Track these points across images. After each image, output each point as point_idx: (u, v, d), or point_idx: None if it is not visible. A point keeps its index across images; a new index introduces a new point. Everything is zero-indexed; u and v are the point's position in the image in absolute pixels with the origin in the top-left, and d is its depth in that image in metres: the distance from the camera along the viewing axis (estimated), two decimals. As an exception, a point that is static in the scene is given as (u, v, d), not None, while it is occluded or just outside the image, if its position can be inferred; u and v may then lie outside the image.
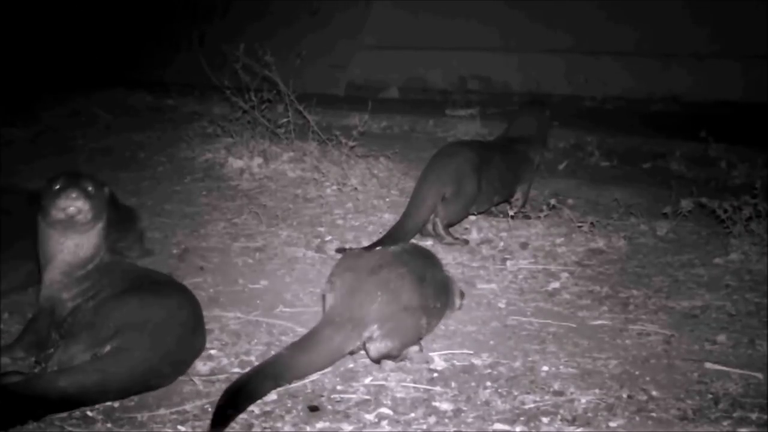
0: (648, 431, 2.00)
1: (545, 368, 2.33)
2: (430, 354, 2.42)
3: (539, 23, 7.03)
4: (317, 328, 2.29)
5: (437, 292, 2.48)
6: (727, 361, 2.36)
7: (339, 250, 3.30)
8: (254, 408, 2.11)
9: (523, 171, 3.79)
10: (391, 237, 3.26)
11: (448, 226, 3.46)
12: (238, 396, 2.05)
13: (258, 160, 4.68)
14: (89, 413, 2.09)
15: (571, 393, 2.17)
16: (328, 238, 3.55)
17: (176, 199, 4.23)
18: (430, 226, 3.44)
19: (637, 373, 2.29)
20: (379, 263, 2.37)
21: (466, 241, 3.46)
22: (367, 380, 2.26)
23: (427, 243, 3.41)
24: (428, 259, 2.57)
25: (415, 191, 3.49)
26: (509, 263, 3.23)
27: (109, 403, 2.14)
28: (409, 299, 2.31)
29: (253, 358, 2.41)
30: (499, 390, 2.20)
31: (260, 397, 2.11)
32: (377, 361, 2.33)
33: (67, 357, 2.16)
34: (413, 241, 3.32)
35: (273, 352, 2.43)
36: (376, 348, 2.29)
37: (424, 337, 2.45)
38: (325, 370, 2.31)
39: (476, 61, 7.38)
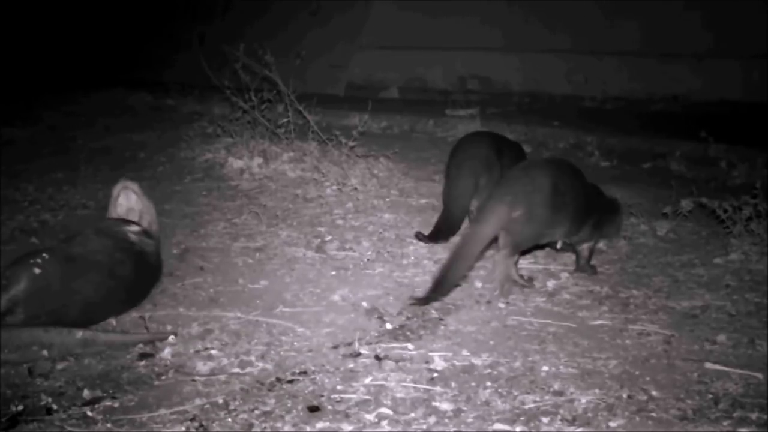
0: (648, 431, 2.00)
1: (545, 368, 2.33)
2: (430, 354, 2.42)
3: (539, 23, 7.03)
4: (486, 205, 2.89)
5: (569, 203, 2.92)
6: (727, 361, 2.36)
7: (418, 234, 3.50)
8: (254, 408, 2.11)
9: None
10: (441, 228, 3.46)
11: None
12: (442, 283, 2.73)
13: (258, 160, 4.68)
14: (89, 413, 2.10)
15: (571, 393, 2.17)
16: (328, 238, 3.55)
17: (176, 199, 4.23)
18: None
19: (637, 373, 2.29)
20: (528, 163, 3.24)
21: None
22: (367, 380, 2.26)
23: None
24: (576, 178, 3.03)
25: (451, 183, 3.55)
26: (509, 263, 3.23)
27: (108, 403, 2.15)
28: (544, 192, 2.85)
29: (252, 358, 2.41)
30: (499, 390, 2.20)
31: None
32: (513, 253, 2.86)
33: None
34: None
35: (273, 353, 2.44)
36: (515, 231, 2.83)
37: (551, 234, 2.93)
38: (325, 370, 2.32)
39: (476, 61, 7.38)
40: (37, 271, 2.55)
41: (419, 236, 3.46)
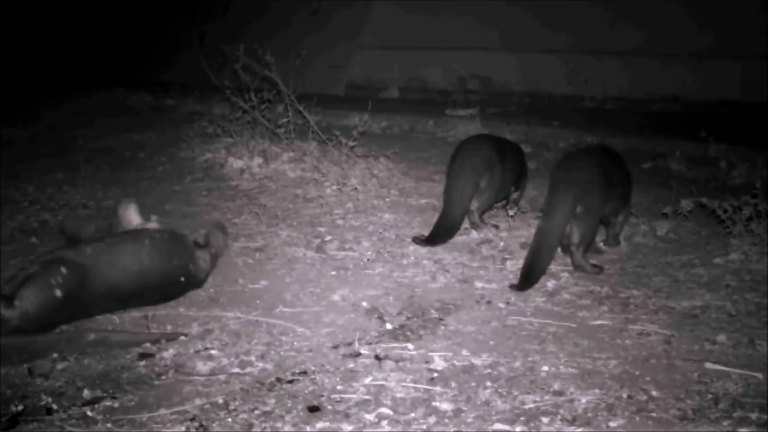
0: (648, 431, 2.00)
1: (545, 368, 2.33)
2: (430, 354, 2.42)
3: (539, 23, 7.02)
4: (549, 197, 3.11)
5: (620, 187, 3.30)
6: (727, 361, 2.36)
7: (415, 239, 3.49)
8: (254, 408, 2.11)
9: (524, 165, 3.92)
10: (440, 229, 3.45)
11: (483, 213, 3.67)
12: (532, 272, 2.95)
13: (258, 160, 4.68)
14: (89, 413, 2.10)
15: (571, 393, 2.18)
16: (328, 238, 3.55)
17: (176, 199, 4.24)
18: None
19: (637, 373, 2.29)
20: (579, 152, 3.64)
21: (497, 226, 3.64)
22: (367, 380, 2.26)
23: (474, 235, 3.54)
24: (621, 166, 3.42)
25: (451, 183, 3.56)
26: (509, 263, 3.23)
27: (108, 403, 2.15)
28: (597, 177, 3.16)
29: (252, 358, 2.41)
30: (499, 390, 2.20)
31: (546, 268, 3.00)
32: (580, 244, 3.10)
33: None
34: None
35: (273, 353, 2.45)
36: (579, 220, 3.07)
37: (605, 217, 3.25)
38: (325, 370, 2.32)
39: (476, 61, 7.37)
40: (58, 293, 2.54)
41: (417, 240, 3.45)
